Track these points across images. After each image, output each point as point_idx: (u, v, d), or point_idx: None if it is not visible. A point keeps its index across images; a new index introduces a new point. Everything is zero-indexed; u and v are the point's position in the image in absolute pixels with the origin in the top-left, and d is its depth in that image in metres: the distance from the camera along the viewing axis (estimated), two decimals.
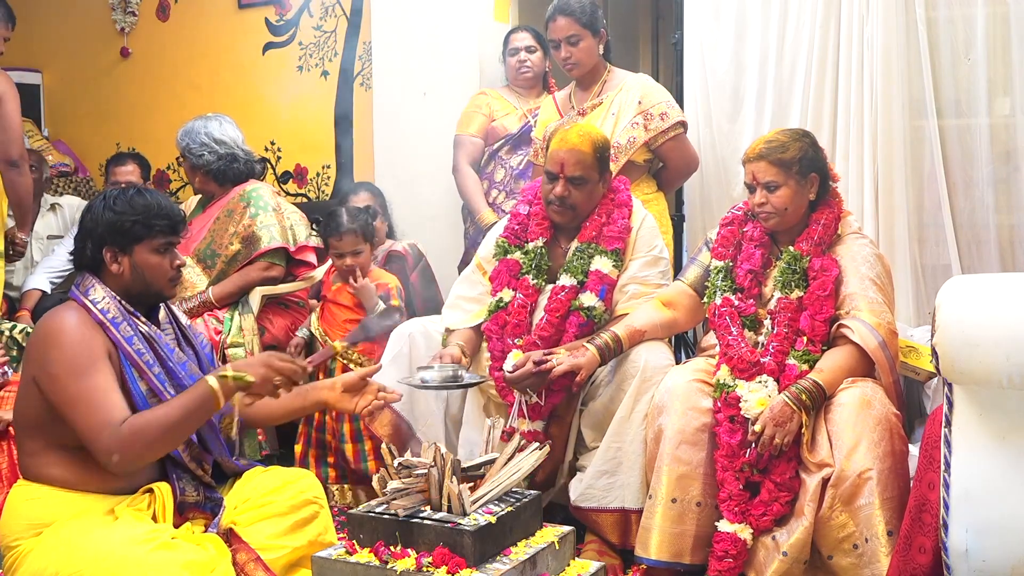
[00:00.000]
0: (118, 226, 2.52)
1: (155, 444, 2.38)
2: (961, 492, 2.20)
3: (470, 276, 3.39)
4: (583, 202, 3.18)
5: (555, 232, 3.27)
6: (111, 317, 2.48)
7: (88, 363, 2.39)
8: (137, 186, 2.72)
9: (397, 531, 2.37)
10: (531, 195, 3.34)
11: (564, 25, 3.64)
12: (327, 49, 5.05)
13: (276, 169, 5.22)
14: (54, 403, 2.39)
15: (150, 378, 2.49)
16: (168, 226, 2.57)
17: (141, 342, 2.51)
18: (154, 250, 2.55)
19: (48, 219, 4.90)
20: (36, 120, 5.75)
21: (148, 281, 2.55)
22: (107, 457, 2.34)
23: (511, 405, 3.08)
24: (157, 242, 2.55)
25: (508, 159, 4.23)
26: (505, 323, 3.16)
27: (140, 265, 2.54)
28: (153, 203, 2.56)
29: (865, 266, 2.88)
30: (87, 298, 2.50)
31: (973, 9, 3.45)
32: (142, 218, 2.53)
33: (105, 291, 2.51)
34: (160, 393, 2.48)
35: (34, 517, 2.40)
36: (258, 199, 3.99)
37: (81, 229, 2.58)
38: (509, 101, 4.30)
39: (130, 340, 2.49)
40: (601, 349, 2.97)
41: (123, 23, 5.56)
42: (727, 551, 2.69)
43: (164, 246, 2.57)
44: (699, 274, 3.11)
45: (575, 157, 3.12)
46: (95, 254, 2.54)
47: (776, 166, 2.90)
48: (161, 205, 2.57)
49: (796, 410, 2.69)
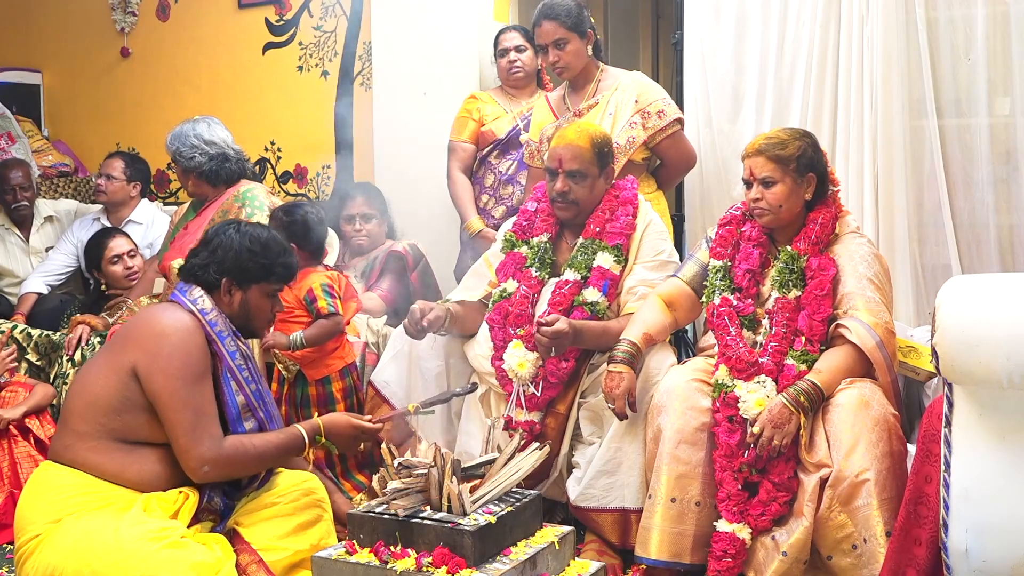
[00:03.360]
0: (247, 264, 2.63)
1: (246, 468, 2.58)
2: (961, 492, 2.20)
3: (478, 269, 3.46)
4: (585, 197, 3.22)
5: (561, 228, 3.32)
6: (218, 330, 2.57)
7: (202, 372, 2.51)
8: (269, 228, 2.81)
9: (397, 531, 2.38)
10: (540, 192, 3.39)
11: (550, 29, 3.63)
12: (327, 49, 5.05)
13: (276, 169, 5.21)
14: (157, 398, 2.45)
15: (247, 393, 2.60)
16: (286, 274, 2.72)
17: (243, 359, 2.62)
18: (266, 294, 2.68)
19: (46, 231, 4.90)
20: (36, 120, 5.75)
21: (250, 318, 2.67)
22: (199, 464, 2.45)
23: (509, 395, 3.10)
24: (272, 287, 2.68)
25: (497, 164, 4.23)
26: (507, 313, 3.19)
27: (250, 303, 2.66)
28: (282, 250, 2.69)
29: (863, 265, 2.88)
30: (196, 307, 2.57)
31: (973, 9, 3.45)
32: (270, 263, 2.65)
33: (213, 305, 2.60)
34: (255, 409, 2.61)
35: (59, 502, 2.41)
36: (253, 199, 3.95)
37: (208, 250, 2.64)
38: (500, 104, 4.29)
39: (233, 355, 2.59)
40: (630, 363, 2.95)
41: (123, 23, 5.56)
42: (726, 550, 2.69)
43: (275, 291, 2.69)
44: (696, 271, 3.10)
45: (571, 152, 3.18)
46: (214, 278, 2.62)
47: (773, 162, 2.90)
48: (287, 253, 2.72)
49: (794, 412, 2.69)
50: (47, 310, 4.47)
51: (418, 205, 4.54)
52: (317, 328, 3.39)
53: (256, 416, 2.62)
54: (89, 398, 2.50)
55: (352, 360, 3.55)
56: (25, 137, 5.38)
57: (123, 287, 4.23)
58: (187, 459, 2.45)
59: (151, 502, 2.45)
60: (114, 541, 2.29)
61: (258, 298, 2.66)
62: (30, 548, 2.38)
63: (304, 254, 3.45)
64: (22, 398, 3.63)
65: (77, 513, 2.39)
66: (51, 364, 3.96)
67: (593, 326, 3.09)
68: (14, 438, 3.52)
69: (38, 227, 4.87)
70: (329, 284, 3.45)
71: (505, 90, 4.35)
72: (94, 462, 2.46)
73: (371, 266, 4.18)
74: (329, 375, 3.46)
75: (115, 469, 2.46)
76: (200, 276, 2.62)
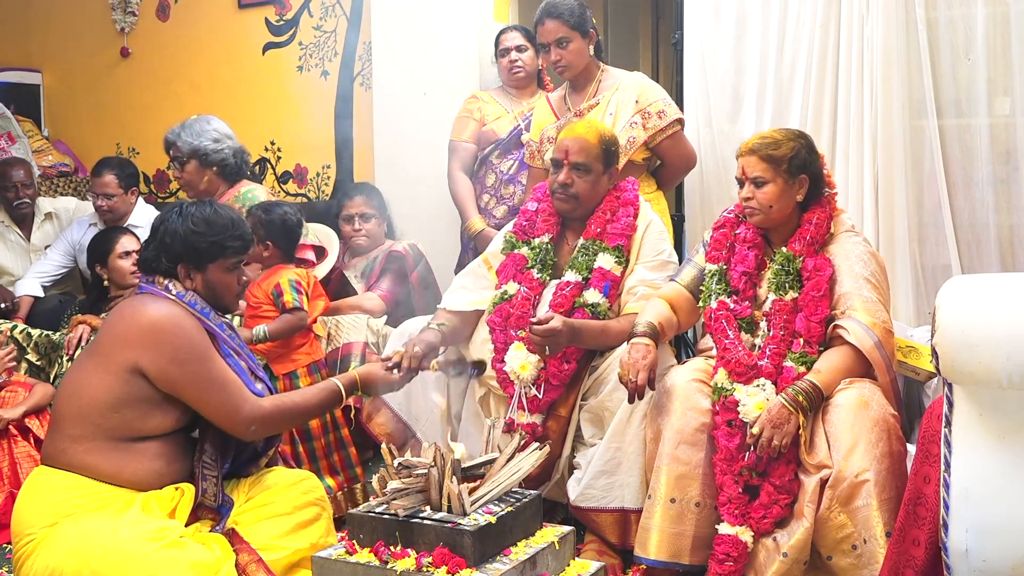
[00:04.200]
0: (195, 245, 2.60)
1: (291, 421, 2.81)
2: (961, 492, 2.20)
3: (475, 269, 3.44)
4: (586, 192, 3.21)
5: (562, 229, 3.31)
6: (200, 308, 2.60)
7: (207, 347, 2.55)
8: (211, 202, 2.77)
9: (397, 531, 2.38)
10: (540, 193, 3.38)
11: (552, 28, 3.64)
12: (327, 49, 5.05)
13: (276, 169, 5.21)
14: (180, 388, 2.49)
15: (246, 358, 2.67)
16: (241, 246, 2.67)
17: (229, 328, 2.67)
18: (226, 269, 2.65)
19: (45, 229, 4.89)
20: (36, 120, 5.76)
21: (217, 296, 2.65)
22: (246, 427, 2.55)
23: (511, 397, 3.10)
24: (229, 261, 2.65)
25: (498, 164, 4.23)
26: (508, 315, 3.18)
27: (212, 282, 2.64)
28: (228, 223, 2.65)
29: (859, 264, 2.88)
30: (171, 293, 2.58)
31: (973, 9, 3.45)
32: (219, 239, 2.61)
33: (184, 288, 2.61)
34: (256, 370, 2.67)
35: (56, 505, 2.40)
36: (254, 200, 3.97)
37: (156, 240, 2.62)
38: (501, 104, 4.29)
39: (222, 327, 2.64)
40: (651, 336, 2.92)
41: (123, 23, 5.56)
42: (728, 554, 2.69)
43: (235, 264, 2.66)
44: (694, 275, 3.10)
45: (579, 144, 3.18)
46: (169, 267, 2.61)
47: (765, 161, 2.89)
48: (235, 224, 2.66)
49: (793, 411, 2.68)
50: (47, 310, 4.47)
51: (418, 205, 4.54)
52: (281, 322, 3.48)
53: (259, 375, 2.68)
54: (83, 401, 2.49)
55: (319, 358, 3.58)
56: (25, 137, 5.38)
57: (127, 284, 4.23)
58: (233, 428, 2.55)
59: (149, 501, 2.45)
60: (113, 542, 2.29)
61: (219, 275, 2.64)
62: (28, 550, 2.38)
63: (278, 252, 3.59)
64: (22, 398, 3.63)
65: (74, 515, 2.38)
66: (51, 364, 3.97)
67: (592, 325, 3.09)
68: (14, 438, 3.52)
69: (39, 225, 4.87)
70: (297, 281, 3.54)
71: (506, 90, 4.35)
72: (90, 464, 2.45)
73: (371, 266, 4.17)
74: (296, 370, 3.51)
75: (112, 469, 2.46)
76: (156, 268, 2.61)
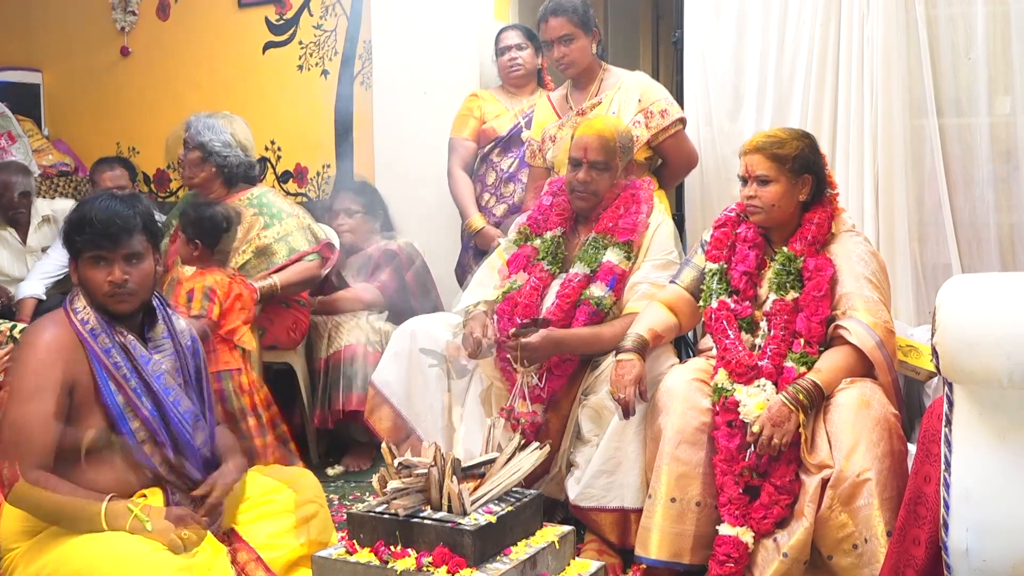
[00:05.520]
0: (67, 239, 2.45)
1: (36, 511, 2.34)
2: (961, 492, 2.20)
3: (492, 262, 3.47)
4: (605, 189, 3.26)
5: (574, 223, 3.34)
6: (90, 328, 2.42)
7: (38, 388, 2.34)
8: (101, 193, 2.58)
9: (397, 531, 2.38)
10: (556, 187, 3.41)
11: (557, 25, 3.64)
12: (327, 48, 5.05)
13: (276, 169, 5.21)
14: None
15: (127, 391, 2.43)
16: (89, 240, 2.41)
17: (119, 354, 2.44)
18: (88, 263, 2.43)
19: (43, 231, 4.87)
20: (36, 120, 5.75)
21: (90, 293, 2.45)
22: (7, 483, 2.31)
23: (512, 386, 3.11)
24: (88, 254, 2.43)
25: (498, 162, 4.24)
26: (516, 304, 3.20)
27: (82, 278, 2.46)
28: (86, 213, 2.41)
29: (860, 264, 2.87)
30: (71, 307, 2.45)
31: (973, 8, 3.45)
32: (74, 230, 2.42)
33: (86, 301, 2.46)
34: (137, 408, 2.43)
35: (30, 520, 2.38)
36: (270, 206, 3.91)
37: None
38: (501, 102, 4.30)
39: (108, 351, 2.43)
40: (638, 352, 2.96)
41: (123, 22, 5.55)
42: (729, 555, 2.68)
43: (95, 259, 2.42)
44: (694, 276, 3.09)
45: (599, 142, 3.21)
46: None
47: (770, 160, 2.89)
48: (93, 215, 2.40)
49: (793, 410, 2.68)
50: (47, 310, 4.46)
51: (418, 204, 4.54)
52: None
53: (140, 415, 2.43)
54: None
55: (236, 367, 3.44)
56: (25, 136, 5.38)
57: None
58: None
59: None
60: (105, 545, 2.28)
61: (85, 270, 2.44)
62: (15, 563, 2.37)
63: (206, 252, 3.48)
64: None
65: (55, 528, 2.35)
66: None
67: (581, 334, 3.09)
68: None
69: (36, 227, 4.86)
70: (212, 289, 3.41)
71: (506, 89, 4.36)
72: (50, 486, 2.33)
73: (366, 263, 4.24)
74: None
75: (69, 489, 2.35)
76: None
